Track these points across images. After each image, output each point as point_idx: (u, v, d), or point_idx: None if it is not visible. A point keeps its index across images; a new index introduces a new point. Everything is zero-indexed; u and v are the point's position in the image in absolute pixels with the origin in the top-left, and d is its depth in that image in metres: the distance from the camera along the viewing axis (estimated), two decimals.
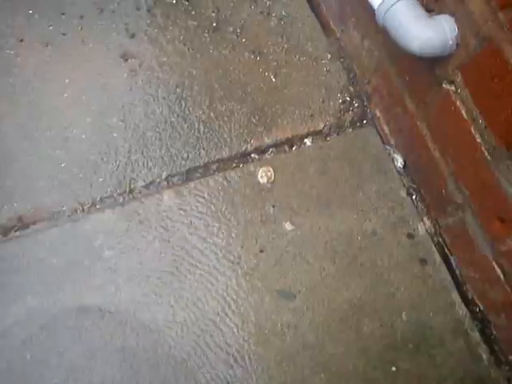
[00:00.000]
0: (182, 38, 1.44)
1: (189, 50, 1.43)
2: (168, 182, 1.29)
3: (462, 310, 1.25)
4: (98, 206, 1.25)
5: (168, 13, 1.47)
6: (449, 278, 1.28)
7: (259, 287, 1.21)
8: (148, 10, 1.45)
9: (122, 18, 1.43)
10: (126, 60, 1.38)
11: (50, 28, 1.39)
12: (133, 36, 1.41)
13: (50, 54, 1.37)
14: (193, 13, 1.48)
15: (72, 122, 1.30)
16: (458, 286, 1.28)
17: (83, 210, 1.24)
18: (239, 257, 1.23)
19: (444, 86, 1.06)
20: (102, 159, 1.27)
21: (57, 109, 1.31)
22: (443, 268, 1.29)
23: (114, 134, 1.31)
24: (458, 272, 1.30)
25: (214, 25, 1.47)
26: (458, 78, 1.00)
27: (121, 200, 1.26)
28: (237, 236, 1.25)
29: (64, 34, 1.39)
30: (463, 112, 1.02)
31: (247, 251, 1.24)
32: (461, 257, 1.28)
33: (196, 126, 1.34)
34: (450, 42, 0.94)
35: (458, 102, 1.03)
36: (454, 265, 1.30)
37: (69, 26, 1.40)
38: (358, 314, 1.22)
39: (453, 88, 1.03)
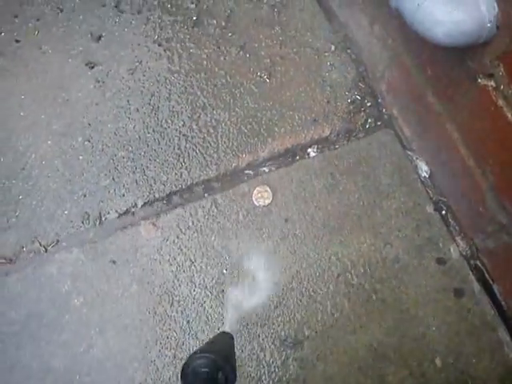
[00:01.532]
0: (156, 37, 1.28)
1: (165, 51, 1.27)
2: (145, 212, 1.13)
3: None
4: (64, 245, 1.11)
5: (139, 8, 1.31)
6: (492, 311, 1.11)
7: (258, 334, 1.05)
8: (115, 6, 1.31)
9: (85, 18, 1.28)
10: (92, 68, 1.23)
11: (2, 34, 1.25)
12: (98, 39, 1.26)
13: (1, 65, 1.24)
14: (169, 6, 1.33)
15: (30, 146, 1.16)
16: (506, 321, 1.11)
17: (46, 251, 1.10)
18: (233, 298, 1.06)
19: (480, 80, 0.89)
20: (66, 188, 1.13)
21: (12, 131, 1.18)
22: (484, 299, 1.13)
23: (80, 157, 1.16)
24: (503, 303, 1.12)
25: (195, 18, 1.31)
26: (500, 71, 0.84)
27: (90, 236, 1.12)
28: (230, 273, 1.10)
29: (18, 41, 1.27)
30: (507, 113, 0.85)
31: (242, 292, 1.07)
32: (507, 285, 1.10)
33: (176, 141, 1.18)
34: (488, 25, 0.75)
35: (499, 101, 0.86)
36: (498, 295, 1.13)
37: (23, 31, 1.28)
38: (380, 361, 1.06)
39: (492, 83, 0.87)
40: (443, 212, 1.18)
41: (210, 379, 0.77)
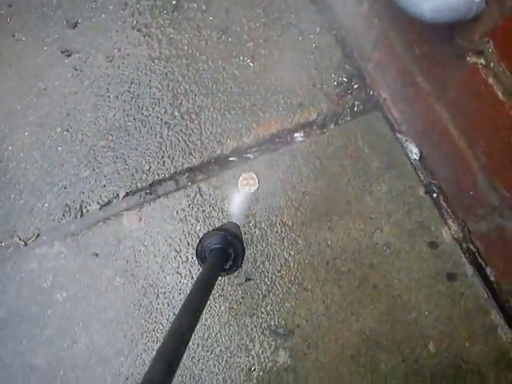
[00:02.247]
0: (135, 22, 1.26)
1: (144, 36, 1.25)
2: (127, 202, 1.11)
3: (505, 334, 1.07)
4: (44, 238, 1.09)
5: None
6: (485, 294, 1.10)
7: (247, 324, 1.04)
8: None
9: (59, 4, 1.26)
10: (69, 55, 1.20)
11: None
12: (75, 25, 1.24)
13: None
14: None
15: (6, 138, 1.14)
16: (499, 303, 1.09)
17: (26, 245, 1.08)
18: (221, 288, 1.07)
19: (469, 58, 0.87)
20: (45, 180, 1.11)
21: None
22: (477, 282, 1.11)
23: (59, 148, 1.14)
24: (496, 286, 1.11)
25: (174, 3, 1.29)
26: (489, 48, 0.81)
27: (72, 228, 1.10)
28: None
29: None
30: (497, 91, 0.83)
31: (231, 281, 1.07)
32: (500, 268, 1.09)
33: (157, 129, 1.16)
34: (477, 0, 0.72)
35: (489, 79, 0.84)
36: (490, 278, 1.11)
37: None
38: (372, 348, 1.05)
39: (481, 61, 0.84)
40: (434, 195, 1.17)
41: (222, 254, 0.87)
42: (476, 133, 0.96)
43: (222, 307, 1.04)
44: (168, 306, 1.04)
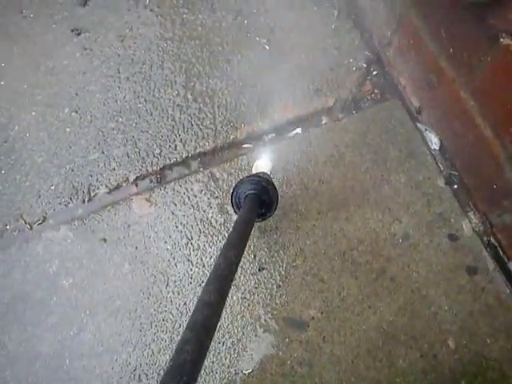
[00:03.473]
0: (147, 1, 1.24)
1: (157, 16, 1.22)
2: (137, 186, 1.08)
3: None
4: (51, 222, 1.07)
5: None
6: (507, 289, 1.08)
7: (261, 315, 1.01)
8: None
9: None
10: (78, 34, 1.18)
11: None
12: (85, 3, 1.22)
13: None
14: None
15: (12, 118, 1.11)
16: None
17: (32, 229, 1.05)
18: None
19: (502, 40, 0.83)
20: (52, 162, 1.08)
21: None
22: (499, 277, 1.09)
23: (67, 129, 1.11)
24: None
25: None
26: None
27: (79, 212, 1.07)
28: None
29: None
30: None
31: (244, 270, 1.05)
32: None
33: (169, 112, 1.13)
34: None
35: None
36: None
37: None
38: (390, 343, 1.02)
39: None
40: (455, 186, 1.14)
41: (257, 200, 0.89)
42: (505, 120, 0.94)
43: (235, 297, 1.02)
44: (178, 294, 1.02)
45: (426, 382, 0.98)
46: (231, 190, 0.94)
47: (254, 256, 1.05)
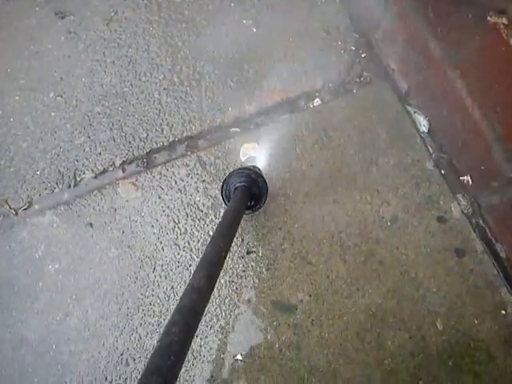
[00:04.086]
0: None
1: None
2: (123, 171, 1.07)
3: None
4: (36, 207, 1.05)
5: None
6: (495, 271, 1.07)
7: (249, 299, 1.00)
8: None
9: None
10: (63, 18, 1.16)
11: None
12: None
13: None
14: None
15: None
16: (509, 280, 1.07)
17: (17, 214, 1.04)
18: None
19: (489, 18, 0.83)
20: (37, 147, 1.07)
21: None
22: (487, 259, 1.09)
23: (52, 114, 1.10)
24: (507, 263, 1.08)
25: None
26: None
27: (65, 197, 1.06)
28: None
29: None
30: None
31: (232, 253, 1.04)
32: (511, 243, 1.04)
33: (156, 95, 1.12)
34: None
35: (511, 40, 0.78)
36: (501, 254, 1.08)
37: None
38: (378, 325, 1.02)
39: (503, 20, 0.82)
40: (444, 168, 1.14)
41: (247, 192, 0.92)
42: (493, 99, 0.93)
43: (222, 280, 1.01)
44: (166, 278, 1.01)
45: (413, 363, 0.98)
46: (221, 183, 0.96)
47: (242, 239, 1.04)
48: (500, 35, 0.83)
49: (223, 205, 1.04)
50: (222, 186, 0.95)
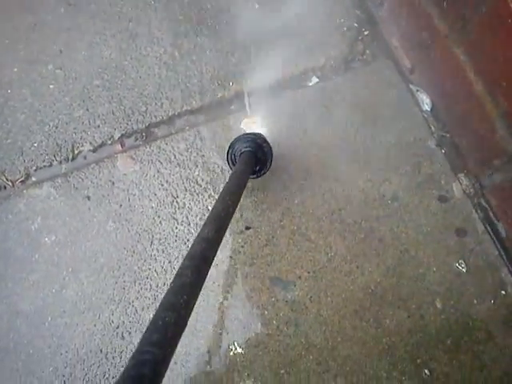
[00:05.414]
0: None
1: None
2: (122, 144, 1.06)
3: None
4: (33, 179, 1.04)
5: None
6: (496, 251, 1.05)
7: (247, 273, 0.99)
8: None
9: None
10: None
11: None
12: None
13: None
14: None
15: None
16: (510, 261, 1.05)
17: (13, 186, 1.02)
18: None
19: None
20: (35, 119, 1.05)
21: None
22: (488, 239, 1.07)
23: (51, 86, 1.08)
24: (508, 243, 1.06)
25: None
26: None
27: (63, 170, 1.04)
28: None
29: None
30: None
31: (230, 229, 1.02)
32: None
33: (156, 69, 1.10)
34: None
35: None
36: (502, 234, 1.06)
37: None
38: (377, 303, 1.00)
39: None
40: (446, 147, 1.12)
41: (252, 156, 0.92)
42: (497, 74, 0.91)
43: (221, 256, 1.00)
44: (163, 252, 0.99)
45: (412, 341, 0.97)
46: (227, 148, 0.95)
47: (241, 215, 1.03)
48: (507, 6, 0.81)
49: (224, 178, 1.03)
50: (228, 150, 0.95)
